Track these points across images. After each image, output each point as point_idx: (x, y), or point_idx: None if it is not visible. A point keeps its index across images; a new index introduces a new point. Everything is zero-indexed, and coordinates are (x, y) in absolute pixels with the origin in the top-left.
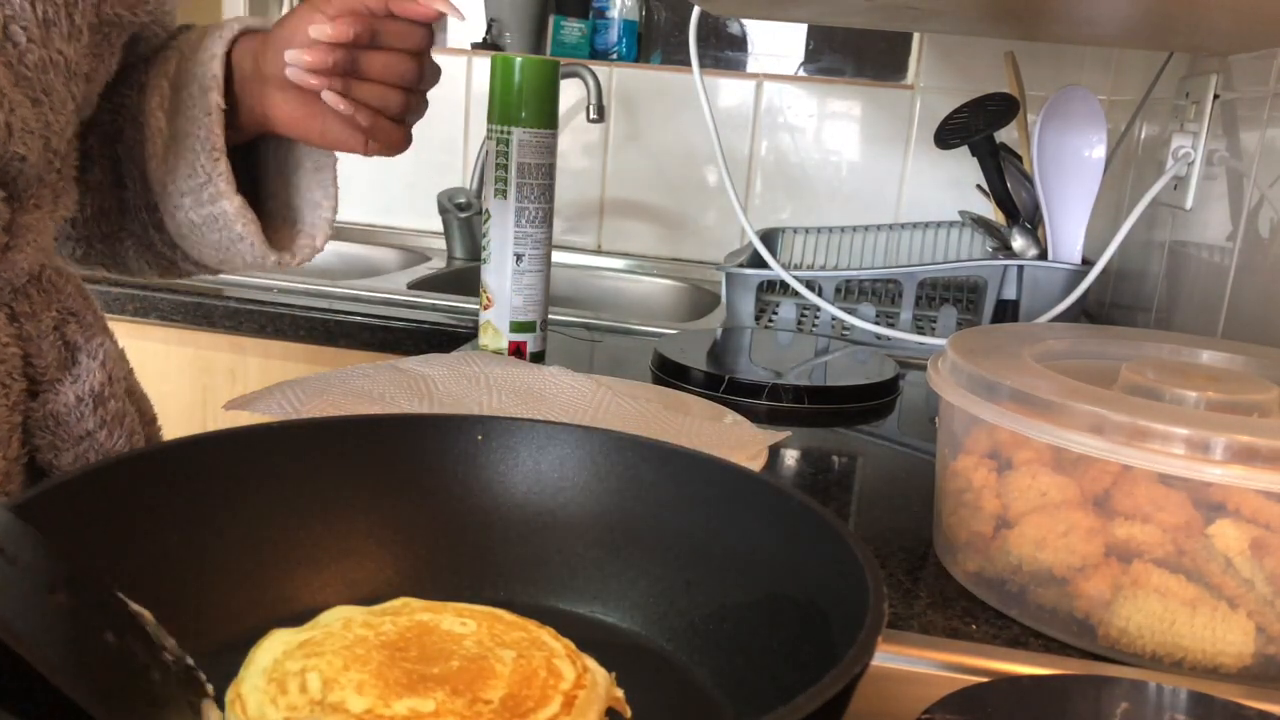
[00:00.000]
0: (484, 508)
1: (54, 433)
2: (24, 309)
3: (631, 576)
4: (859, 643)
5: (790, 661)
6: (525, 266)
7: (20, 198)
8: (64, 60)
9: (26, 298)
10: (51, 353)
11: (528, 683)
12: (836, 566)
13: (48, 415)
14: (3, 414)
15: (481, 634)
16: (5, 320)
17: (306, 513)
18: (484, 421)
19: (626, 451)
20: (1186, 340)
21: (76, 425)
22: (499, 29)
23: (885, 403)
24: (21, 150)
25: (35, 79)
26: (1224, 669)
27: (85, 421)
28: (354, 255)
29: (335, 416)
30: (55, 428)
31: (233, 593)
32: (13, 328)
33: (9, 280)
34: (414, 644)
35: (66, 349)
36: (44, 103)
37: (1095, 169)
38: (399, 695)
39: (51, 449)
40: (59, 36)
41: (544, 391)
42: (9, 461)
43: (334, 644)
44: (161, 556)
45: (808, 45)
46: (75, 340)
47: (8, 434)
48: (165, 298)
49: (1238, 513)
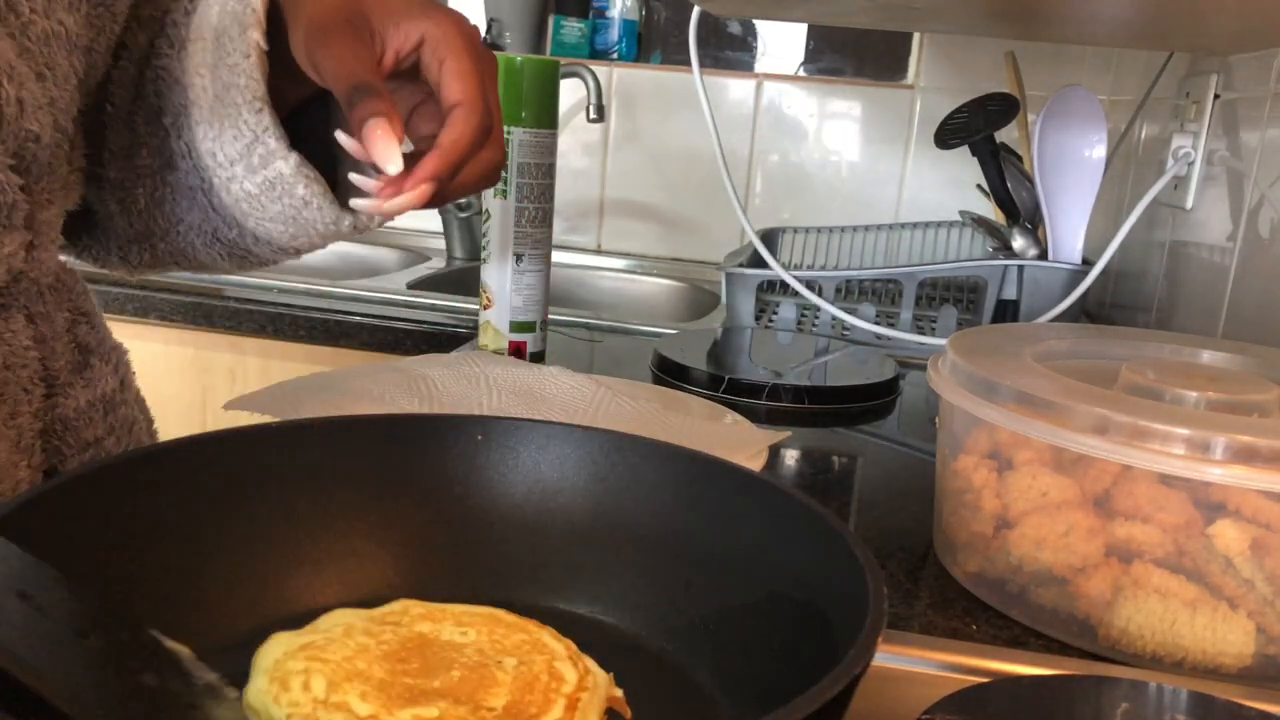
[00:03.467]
0: (484, 508)
1: (61, 438)
2: (40, 310)
3: (631, 577)
4: (859, 644)
5: (790, 662)
6: (525, 266)
7: (34, 189)
8: (65, 31)
9: (40, 298)
10: (65, 355)
11: (530, 688)
12: (837, 567)
13: (56, 419)
14: (26, 421)
15: (482, 641)
16: (24, 322)
17: (306, 513)
18: (484, 422)
19: (627, 452)
20: (1187, 340)
21: (85, 430)
22: (499, 29)
23: (885, 403)
24: (34, 128)
25: (38, 51)
26: (1224, 669)
27: (95, 427)
28: (354, 255)
29: (335, 417)
30: (63, 433)
31: (232, 593)
32: (30, 329)
33: (35, 280)
34: (415, 655)
35: (79, 351)
36: (48, 77)
37: (1095, 169)
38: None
39: (57, 454)
40: (60, 7)
41: (544, 392)
42: (32, 470)
43: (335, 652)
44: (161, 556)
45: (808, 45)
46: (87, 342)
47: (31, 442)
48: (165, 298)
49: (1238, 513)
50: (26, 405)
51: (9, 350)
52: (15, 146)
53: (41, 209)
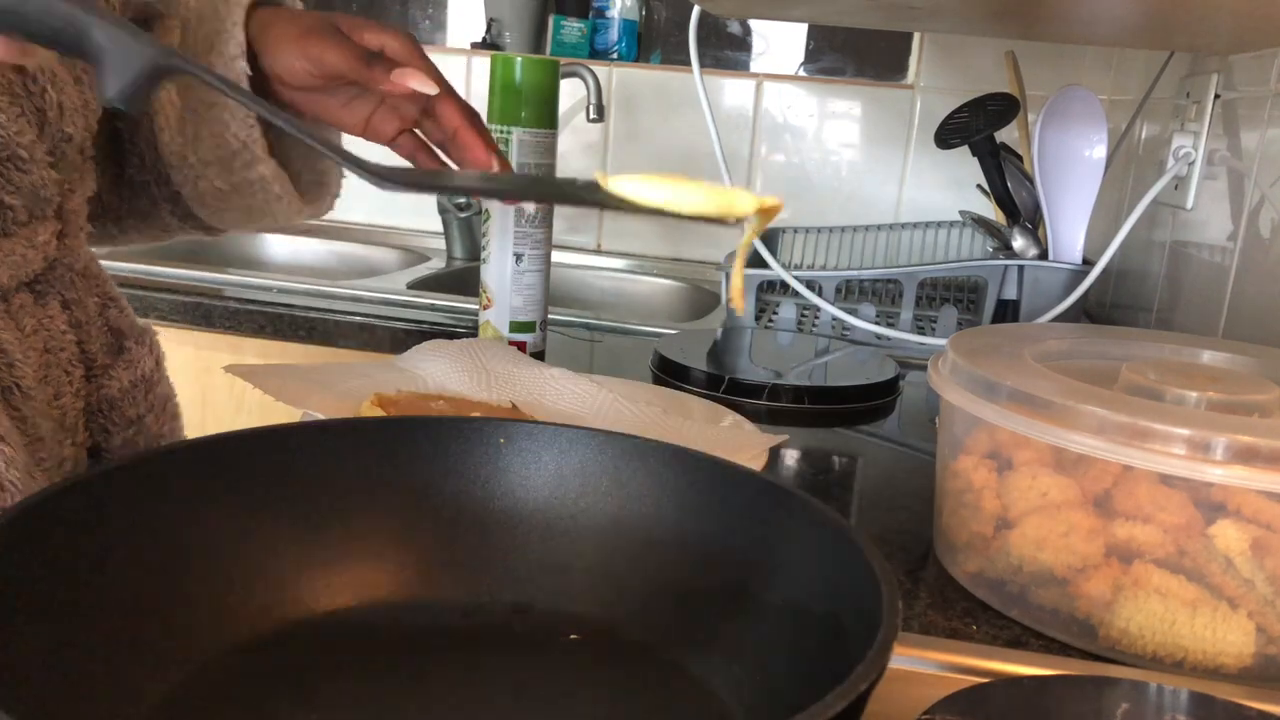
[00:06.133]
0: (505, 511)
1: (106, 416)
2: (73, 296)
3: (651, 584)
4: (869, 657)
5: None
6: (525, 266)
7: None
8: None
9: (72, 285)
10: (99, 338)
11: None
12: (854, 579)
13: (102, 400)
14: (69, 401)
15: None
16: (59, 308)
17: (327, 514)
18: (505, 425)
19: (649, 458)
20: (1187, 340)
21: (129, 409)
22: (499, 29)
23: (885, 403)
24: (70, 130)
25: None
26: (1224, 669)
27: (136, 406)
28: (354, 255)
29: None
30: (109, 411)
31: (251, 593)
32: (66, 314)
33: (70, 266)
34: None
35: (111, 334)
36: (84, 81)
37: (1095, 169)
38: None
39: (102, 432)
40: None
41: (543, 397)
42: (77, 448)
43: None
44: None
45: (808, 45)
46: (119, 325)
47: (75, 421)
48: (165, 298)
49: (1238, 513)
50: (68, 386)
51: (49, 335)
52: (51, 145)
53: (68, 199)
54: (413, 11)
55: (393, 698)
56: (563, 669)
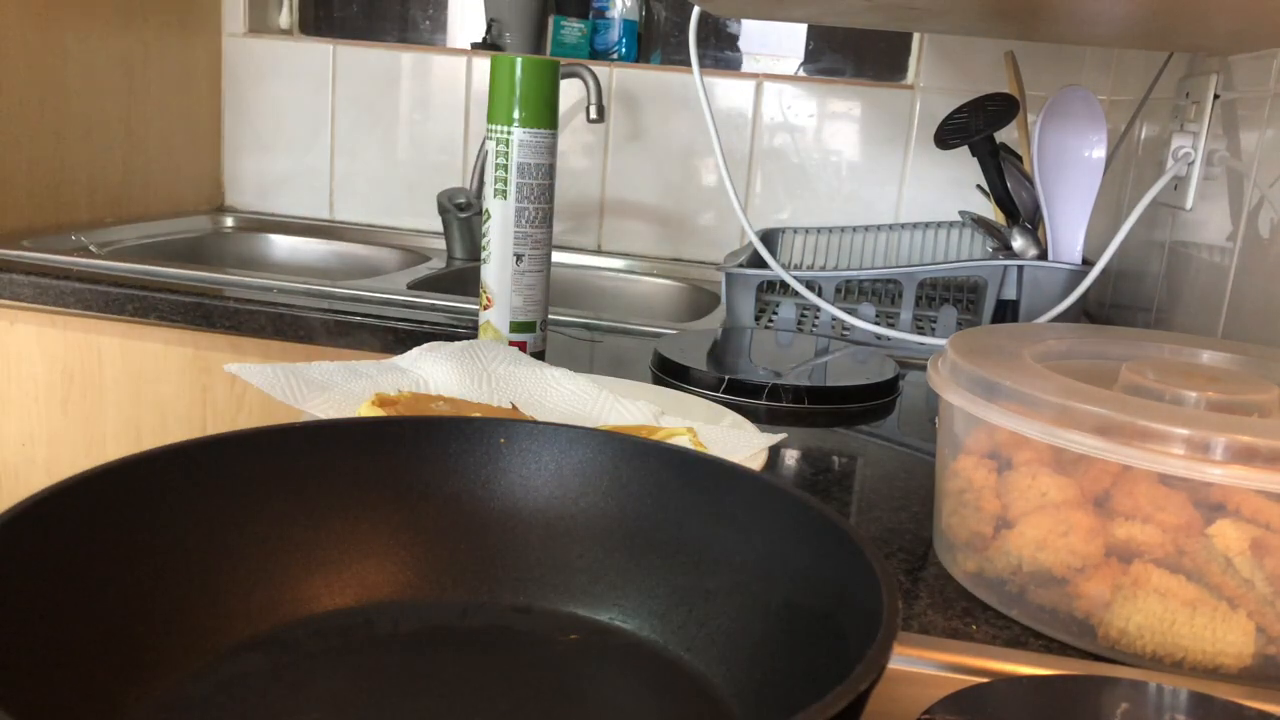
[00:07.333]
0: (506, 511)
1: None
2: None
3: (652, 584)
4: (869, 657)
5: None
6: (525, 267)
7: None
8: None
9: None
10: None
11: None
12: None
13: None
14: None
15: None
16: None
17: (328, 513)
18: (506, 425)
19: (650, 457)
20: (1186, 340)
21: None
22: (499, 29)
23: (885, 403)
24: None
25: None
26: (1224, 669)
27: None
28: (354, 255)
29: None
30: None
31: (251, 593)
32: None
33: None
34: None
35: None
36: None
37: (1095, 169)
38: None
39: None
40: None
41: (544, 398)
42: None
43: None
44: (182, 555)
45: (808, 45)
46: None
47: None
48: (165, 298)
49: (1238, 513)
50: None
51: None
52: None
53: None
54: (413, 12)
55: (393, 698)
56: (563, 669)
